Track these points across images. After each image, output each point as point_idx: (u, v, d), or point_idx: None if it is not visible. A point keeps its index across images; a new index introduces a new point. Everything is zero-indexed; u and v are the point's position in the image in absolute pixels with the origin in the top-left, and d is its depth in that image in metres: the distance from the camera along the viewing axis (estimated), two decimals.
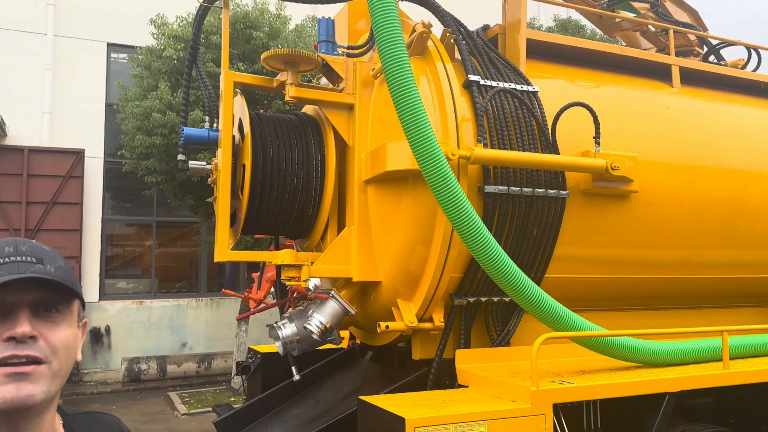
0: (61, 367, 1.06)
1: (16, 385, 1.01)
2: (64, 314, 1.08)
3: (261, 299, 6.88)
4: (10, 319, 1.02)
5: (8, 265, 1.03)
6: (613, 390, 2.79)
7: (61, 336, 1.06)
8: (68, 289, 1.06)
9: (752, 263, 4.06)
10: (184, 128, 3.26)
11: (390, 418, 2.43)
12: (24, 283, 1.02)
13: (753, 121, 4.19)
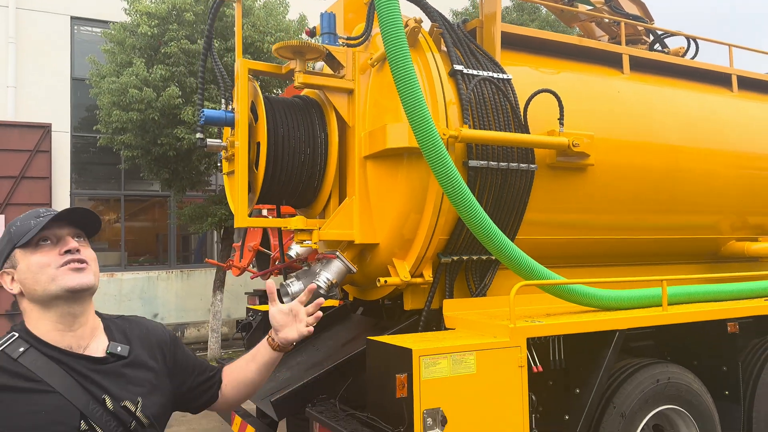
0: (95, 271, 1.57)
1: (79, 275, 1.51)
2: (88, 241, 1.60)
3: (245, 267, 7.30)
4: (62, 241, 1.52)
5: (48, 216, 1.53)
6: (573, 327, 3.41)
7: (91, 252, 1.58)
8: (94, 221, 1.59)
9: (688, 226, 4.75)
10: (203, 110, 3.65)
11: (397, 350, 2.98)
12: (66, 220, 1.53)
13: (690, 102, 4.83)
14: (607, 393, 3.52)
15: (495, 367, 3.08)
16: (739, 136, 4.94)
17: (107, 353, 1.53)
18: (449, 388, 2.94)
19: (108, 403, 1.46)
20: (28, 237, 1.48)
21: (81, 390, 1.44)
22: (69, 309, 1.49)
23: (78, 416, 1.41)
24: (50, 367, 1.43)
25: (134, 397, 1.51)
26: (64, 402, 1.41)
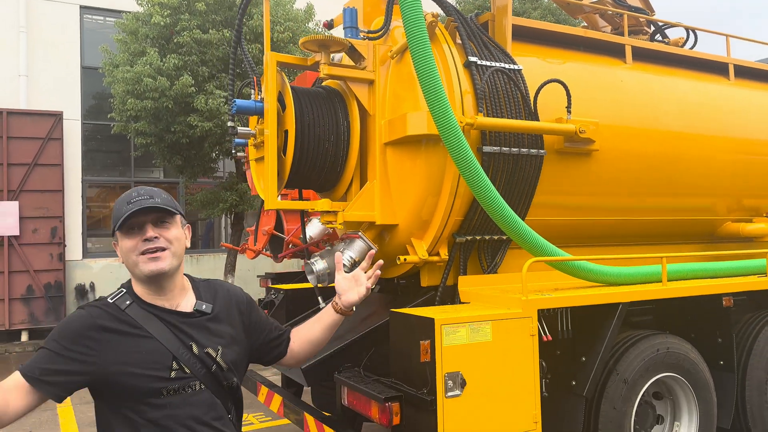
0: (176, 251, 1.81)
1: (154, 263, 1.75)
2: (171, 223, 1.81)
3: (260, 250, 7.57)
4: (143, 230, 1.76)
5: (135, 203, 1.76)
6: (580, 300, 3.70)
7: (171, 233, 1.80)
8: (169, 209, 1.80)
9: (686, 208, 5.02)
10: (235, 100, 3.90)
11: (420, 320, 3.26)
12: (145, 210, 1.75)
13: (689, 90, 5.08)
14: (610, 361, 3.82)
15: (509, 336, 3.36)
16: (736, 122, 5.19)
17: (194, 310, 1.82)
18: (468, 354, 3.22)
19: (194, 348, 1.76)
20: (119, 224, 1.74)
21: (173, 337, 1.73)
22: (154, 284, 1.78)
23: (170, 357, 1.71)
24: (149, 318, 1.74)
25: (215, 345, 1.80)
26: (159, 346, 1.71)
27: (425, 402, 3.16)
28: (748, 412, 4.42)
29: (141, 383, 1.67)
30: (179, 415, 1.69)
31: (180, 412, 1.69)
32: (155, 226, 1.76)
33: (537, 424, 3.42)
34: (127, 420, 1.68)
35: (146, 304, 1.77)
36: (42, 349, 1.68)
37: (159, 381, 1.68)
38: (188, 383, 1.72)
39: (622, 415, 3.77)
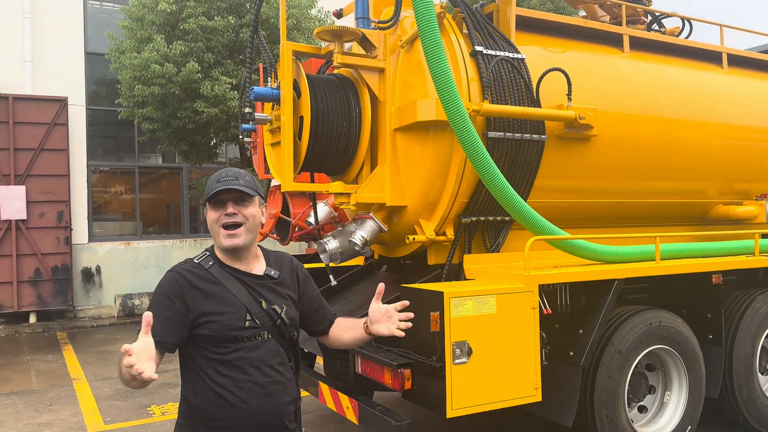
0: (251, 227, 2.07)
1: (230, 239, 2.03)
2: (250, 202, 2.07)
3: (267, 233, 7.79)
4: (225, 206, 2.03)
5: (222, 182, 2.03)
6: (578, 276, 3.95)
7: (248, 211, 2.06)
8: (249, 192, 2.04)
9: (680, 191, 5.26)
10: (253, 87, 4.11)
11: (430, 294, 3.50)
12: (229, 190, 2.01)
13: (683, 78, 5.30)
14: (606, 333, 4.07)
15: (512, 309, 3.61)
16: (728, 109, 5.42)
17: (264, 274, 2.12)
18: (474, 325, 3.47)
19: (263, 304, 2.06)
20: (208, 197, 2.03)
21: (247, 294, 2.04)
22: (232, 253, 2.07)
23: (245, 310, 2.01)
24: (228, 278, 2.04)
25: (281, 304, 2.10)
26: (236, 300, 2.01)
27: (434, 368, 3.41)
28: (735, 382, 4.70)
29: (222, 330, 1.97)
30: (250, 357, 1.99)
31: (251, 355, 1.99)
32: (236, 203, 2.02)
33: (537, 390, 3.68)
34: (208, 360, 1.98)
35: (226, 266, 2.06)
36: (153, 311, 1.93)
37: (236, 329, 1.98)
38: (258, 332, 2.02)
39: (616, 384, 4.03)
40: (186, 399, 2.04)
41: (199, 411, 2.00)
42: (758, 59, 6.03)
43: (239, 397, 1.96)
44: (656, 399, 4.49)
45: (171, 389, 6.78)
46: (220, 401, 1.96)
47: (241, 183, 2.02)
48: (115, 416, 5.86)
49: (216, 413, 1.97)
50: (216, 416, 1.97)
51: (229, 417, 1.96)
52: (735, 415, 4.81)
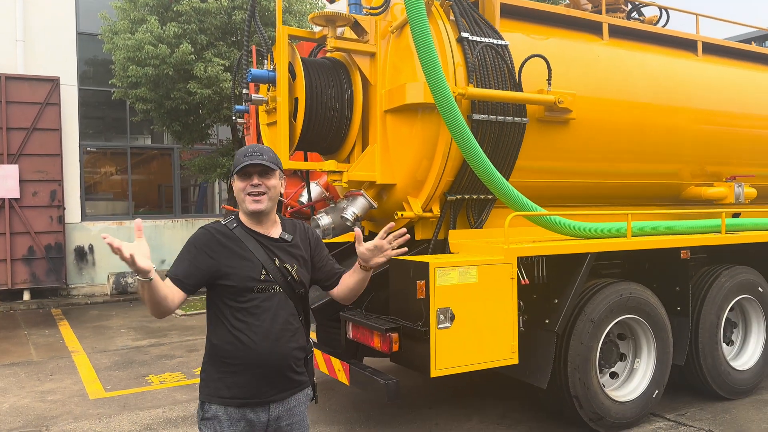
0: (272, 195, 2.34)
1: (254, 204, 2.31)
2: (272, 175, 2.34)
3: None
4: (251, 177, 2.30)
5: (249, 156, 2.30)
6: (554, 249, 4.25)
7: (271, 183, 2.33)
8: (271, 166, 2.32)
9: (654, 173, 5.56)
10: (250, 69, 4.33)
11: (417, 264, 3.78)
12: (254, 165, 2.29)
13: (659, 65, 5.57)
14: (579, 303, 4.38)
15: (492, 279, 3.91)
16: (701, 95, 5.70)
17: (279, 237, 2.40)
18: (457, 293, 3.76)
19: (277, 262, 2.34)
20: (237, 169, 2.31)
21: (263, 252, 2.33)
22: (255, 217, 2.36)
23: (260, 266, 2.31)
24: (248, 238, 2.33)
25: (292, 263, 2.38)
26: (253, 256, 2.31)
27: (420, 332, 3.71)
28: (700, 351, 5.04)
29: (241, 281, 2.27)
30: (264, 306, 2.29)
31: (264, 304, 2.30)
32: (260, 176, 2.31)
33: (514, 354, 3.99)
34: (229, 308, 2.29)
35: (247, 228, 2.36)
36: (180, 257, 2.29)
37: (252, 281, 2.28)
38: (271, 285, 2.32)
39: (588, 349, 4.35)
40: (210, 340, 2.35)
41: (219, 350, 2.30)
42: (732, 47, 6.32)
43: (252, 339, 2.26)
44: (627, 366, 4.82)
45: (168, 360, 7.05)
46: (237, 342, 2.26)
47: (265, 158, 2.31)
48: (115, 384, 6.12)
49: (232, 352, 2.27)
50: (232, 355, 2.27)
51: (242, 356, 2.26)
52: (699, 382, 5.16)
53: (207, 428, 2.29)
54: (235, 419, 2.27)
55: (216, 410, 2.28)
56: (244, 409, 2.28)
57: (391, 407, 5.16)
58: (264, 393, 2.30)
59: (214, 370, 2.31)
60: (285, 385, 2.35)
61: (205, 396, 2.32)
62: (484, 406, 5.18)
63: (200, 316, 9.97)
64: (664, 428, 4.67)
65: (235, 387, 2.27)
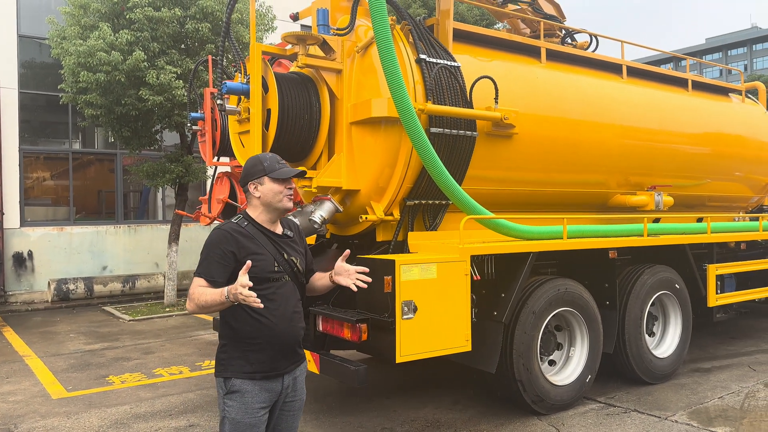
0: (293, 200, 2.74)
1: (290, 203, 2.73)
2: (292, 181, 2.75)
3: (215, 217, 8.23)
4: (286, 182, 2.71)
5: (283, 163, 2.74)
6: (502, 249, 4.78)
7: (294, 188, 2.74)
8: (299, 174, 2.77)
9: (585, 182, 6.20)
10: (225, 82, 4.65)
11: (384, 262, 4.20)
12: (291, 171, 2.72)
13: (589, 86, 6.24)
14: (523, 297, 4.92)
15: (449, 275, 4.38)
16: (626, 113, 6.41)
17: (283, 233, 2.77)
18: (419, 287, 4.20)
19: (285, 256, 2.70)
20: (278, 175, 2.68)
21: (273, 247, 2.68)
22: (278, 214, 2.74)
23: (272, 260, 2.65)
24: (259, 234, 2.67)
25: (296, 256, 2.76)
26: (265, 251, 2.65)
27: (387, 323, 4.13)
28: (626, 341, 5.69)
29: (260, 272, 2.58)
30: (279, 293, 2.64)
31: (279, 291, 2.65)
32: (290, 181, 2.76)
33: (468, 341, 4.47)
34: None
35: (258, 225, 2.70)
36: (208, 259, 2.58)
37: (269, 272, 2.62)
38: (282, 276, 2.67)
39: (530, 338, 4.89)
40: (228, 324, 2.66)
41: (241, 333, 2.62)
42: (652, 71, 7.11)
43: (273, 321, 2.60)
44: (563, 354, 5.40)
45: (125, 362, 7.16)
46: (258, 325, 2.60)
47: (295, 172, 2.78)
48: (76, 385, 6.21)
49: (255, 334, 2.60)
50: (255, 335, 2.60)
51: (265, 336, 2.60)
52: (626, 368, 5.81)
53: (233, 401, 2.61)
54: (258, 390, 2.62)
55: (241, 384, 2.61)
56: (264, 381, 2.63)
57: (352, 399, 5.55)
58: (280, 366, 2.67)
59: (236, 350, 2.64)
60: (294, 359, 2.74)
61: (230, 373, 2.63)
62: (438, 394, 5.65)
63: (148, 321, 10.03)
64: (596, 409, 5.26)
65: (257, 363, 2.62)
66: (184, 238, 12.48)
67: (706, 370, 6.44)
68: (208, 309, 2.52)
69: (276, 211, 2.72)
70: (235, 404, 2.60)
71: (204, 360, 7.23)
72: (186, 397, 5.76)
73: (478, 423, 4.91)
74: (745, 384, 5.92)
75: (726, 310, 7.13)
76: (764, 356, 7.05)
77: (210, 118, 7.16)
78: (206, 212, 8.73)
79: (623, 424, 4.87)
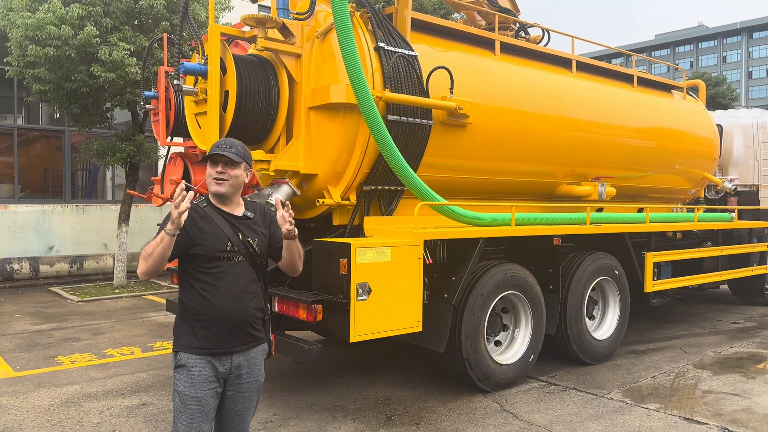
0: (234, 183, 2.76)
1: (217, 187, 2.73)
2: (237, 166, 2.77)
3: (167, 198, 8.17)
4: (217, 165, 2.73)
5: (219, 147, 2.73)
6: (453, 234, 4.97)
7: (234, 172, 2.76)
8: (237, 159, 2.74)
9: (533, 172, 6.46)
10: (183, 62, 4.64)
11: (340, 245, 4.33)
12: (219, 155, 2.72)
13: (540, 79, 6.46)
14: (472, 281, 5.13)
15: (403, 258, 4.54)
16: (574, 106, 6.68)
17: (242, 215, 2.81)
18: (373, 270, 4.35)
19: (240, 236, 2.75)
20: (207, 156, 2.72)
21: (229, 227, 2.73)
22: (219, 198, 2.76)
23: (226, 239, 2.71)
24: (216, 215, 2.73)
25: (253, 237, 2.79)
26: (220, 231, 2.71)
27: (341, 304, 4.26)
28: (567, 323, 5.99)
29: (209, 250, 2.67)
30: (229, 272, 2.70)
31: (230, 270, 2.71)
32: (225, 165, 2.71)
33: (419, 322, 4.65)
34: (199, 272, 2.68)
35: (215, 207, 2.76)
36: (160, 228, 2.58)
37: (219, 251, 2.69)
38: (236, 256, 2.72)
39: (478, 320, 5.12)
40: (181, 301, 2.74)
41: (189, 309, 2.71)
42: (599, 66, 7.41)
43: (218, 298, 2.68)
44: (508, 335, 5.66)
45: (74, 342, 7.08)
46: (204, 302, 2.67)
47: (233, 151, 2.73)
48: (24, 365, 6.13)
49: (201, 310, 2.68)
50: (201, 312, 2.68)
51: (209, 313, 2.68)
52: (567, 349, 6.13)
53: (180, 374, 2.70)
54: (204, 364, 2.69)
55: (188, 358, 2.69)
56: (211, 357, 2.70)
57: (305, 378, 5.67)
58: (227, 344, 2.73)
59: (186, 325, 2.72)
60: (245, 339, 2.78)
61: (178, 347, 2.72)
62: (388, 373, 5.84)
63: (98, 302, 9.88)
64: (538, 387, 5.55)
65: (204, 339, 2.69)
66: (134, 219, 12.26)
67: (641, 352, 6.84)
68: (153, 255, 2.53)
69: (212, 195, 2.76)
70: (182, 377, 2.68)
71: (156, 341, 7.22)
72: (138, 377, 5.77)
73: (426, 400, 5.12)
74: (677, 365, 6.32)
75: (662, 295, 7.55)
76: (695, 339, 7.53)
77: (164, 97, 7.10)
78: (159, 193, 8.69)
79: (563, 401, 5.16)
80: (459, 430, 4.48)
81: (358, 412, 4.82)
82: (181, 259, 2.73)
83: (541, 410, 4.92)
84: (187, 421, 2.67)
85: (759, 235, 9.34)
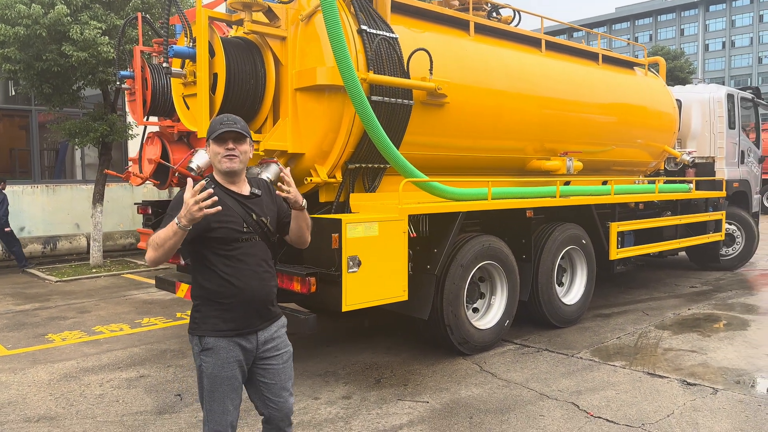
0: (243, 159, 2.83)
1: (229, 163, 2.79)
2: (244, 141, 2.85)
3: (147, 177, 8.24)
4: (226, 142, 2.79)
5: (225, 124, 2.79)
6: (435, 209, 5.28)
7: (243, 148, 2.83)
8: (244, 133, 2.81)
9: (507, 148, 6.78)
10: (172, 46, 4.77)
11: (332, 221, 4.58)
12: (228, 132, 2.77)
13: (512, 58, 6.76)
14: (452, 252, 5.46)
15: (389, 232, 4.82)
16: (544, 85, 7.00)
17: (251, 193, 2.86)
18: (363, 244, 4.62)
19: (254, 216, 2.80)
20: (214, 136, 2.74)
21: (241, 208, 2.78)
22: (229, 176, 2.79)
23: (242, 220, 2.76)
24: (226, 197, 2.75)
25: (266, 216, 2.85)
26: (233, 212, 2.74)
27: (334, 276, 4.53)
28: (539, 290, 6.39)
29: (228, 233, 2.70)
30: (247, 253, 2.75)
31: (248, 251, 2.76)
32: (234, 141, 2.69)
33: (405, 291, 4.96)
34: (218, 256, 2.71)
35: (223, 188, 2.77)
36: (170, 216, 2.57)
37: (237, 233, 2.73)
38: (252, 236, 2.77)
39: (458, 288, 5.46)
40: (200, 285, 2.76)
41: (211, 293, 2.73)
42: (567, 45, 7.73)
43: (242, 281, 2.73)
44: (485, 302, 6.03)
45: (61, 321, 7.21)
46: (227, 284, 2.71)
47: (239, 126, 2.76)
48: (15, 344, 6.26)
49: (225, 293, 2.71)
50: (225, 295, 2.71)
51: (234, 295, 2.72)
52: (539, 313, 6.54)
53: (208, 357, 2.73)
54: (232, 345, 2.74)
55: (215, 342, 2.73)
56: (238, 338, 2.76)
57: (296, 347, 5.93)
58: (253, 324, 2.80)
59: (210, 309, 2.74)
60: (268, 316, 2.86)
61: (203, 331, 2.74)
62: (373, 342, 6.16)
63: (77, 282, 9.94)
64: (513, 349, 5.95)
65: (231, 321, 2.74)
66: (107, 198, 12.24)
67: (606, 315, 7.32)
68: (164, 247, 2.48)
69: (221, 173, 2.76)
70: (211, 360, 2.71)
71: (143, 317, 7.39)
72: (132, 351, 5.96)
73: (411, 364, 5.47)
74: (639, 326, 6.81)
75: (625, 263, 8.04)
76: (656, 303, 8.05)
77: (140, 76, 7.16)
78: (137, 172, 8.74)
79: (536, 361, 5.57)
80: (444, 388, 4.83)
81: (349, 377, 5.14)
82: (196, 244, 2.70)
83: (517, 369, 5.31)
84: (221, 399, 2.72)
85: (714, 205, 9.92)
